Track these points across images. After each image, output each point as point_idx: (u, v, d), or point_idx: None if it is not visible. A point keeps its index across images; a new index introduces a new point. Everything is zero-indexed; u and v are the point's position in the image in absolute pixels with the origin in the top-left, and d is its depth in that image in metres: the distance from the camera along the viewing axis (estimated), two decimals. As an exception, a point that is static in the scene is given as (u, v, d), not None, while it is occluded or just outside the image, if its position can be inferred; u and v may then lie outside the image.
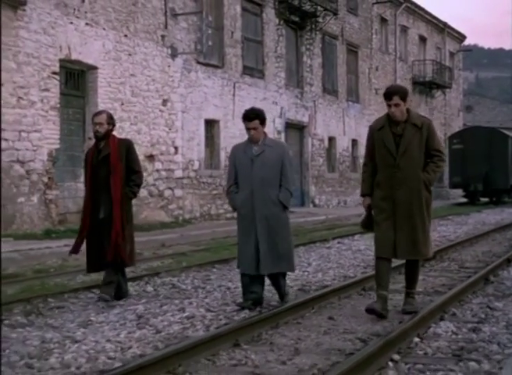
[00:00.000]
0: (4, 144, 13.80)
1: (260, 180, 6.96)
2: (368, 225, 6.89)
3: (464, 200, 35.00)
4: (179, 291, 8.39)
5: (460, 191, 36.98)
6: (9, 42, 13.87)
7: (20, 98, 14.08)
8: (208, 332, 5.85)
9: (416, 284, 6.88)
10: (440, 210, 27.86)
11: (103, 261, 7.58)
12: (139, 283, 9.02)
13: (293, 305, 6.88)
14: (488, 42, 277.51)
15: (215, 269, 10.34)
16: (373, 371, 4.66)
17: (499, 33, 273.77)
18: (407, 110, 6.58)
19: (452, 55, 42.77)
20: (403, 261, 7.06)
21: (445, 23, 40.87)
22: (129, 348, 5.55)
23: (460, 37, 44.28)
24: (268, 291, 8.03)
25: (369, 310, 6.48)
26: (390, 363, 4.90)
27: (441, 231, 17.68)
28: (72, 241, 10.33)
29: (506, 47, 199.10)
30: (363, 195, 6.86)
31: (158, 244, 13.94)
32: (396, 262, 7.77)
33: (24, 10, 14.18)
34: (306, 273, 9.92)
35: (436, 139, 6.69)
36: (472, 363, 4.88)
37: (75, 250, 7.83)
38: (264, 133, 7.11)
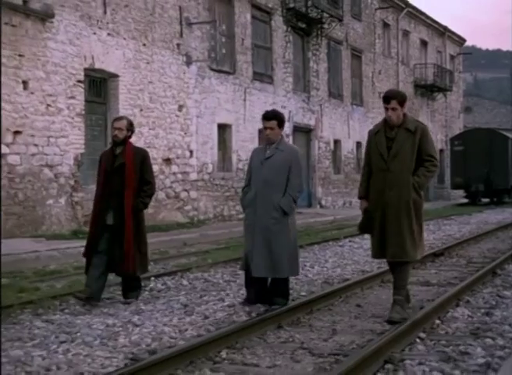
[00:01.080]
0: (34, 150, 14.58)
1: (264, 183, 7.08)
2: (364, 228, 6.90)
3: (465, 200, 35.73)
4: (213, 285, 9.16)
5: (460, 192, 37.75)
6: (38, 52, 14.65)
7: (49, 105, 14.86)
8: (252, 317, 6.63)
9: (403, 291, 6.68)
10: (443, 210, 28.66)
11: (108, 265, 7.68)
12: (174, 277, 9.79)
13: (323, 294, 7.66)
14: (486, 43, 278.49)
15: (239, 266, 11.10)
16: (404, 345, 5.45)
17: (497, 34, 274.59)
18: (404, 115, 6.68)
19: (452, 58, 43.58)
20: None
21: (445, 27, 41.68)
22: (186, 330, 6.33)
23: (460, 41, 45.10)
24: (296, 283, 8.84)
25: (390, 322, 6.36)
26: (418, 340, 5.69)
27: (446, 230, 18.46)
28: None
29: (504, 48, 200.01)
30: (360, 198, 6.97)
31: (179, 243, 14.71)
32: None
33: (52, 22, 14.96)
34: (325, 269, 10.69)
35: (430, 144, 6.71)
36: (488, 340, 5.66)
37: (86, 253, 7.88)
38: (282, 137, 7.28)
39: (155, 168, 17.84)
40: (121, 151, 7.70)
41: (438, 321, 6.41)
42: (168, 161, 18.75)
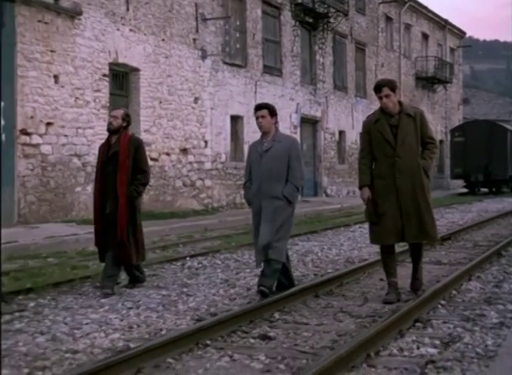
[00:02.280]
0: (64, 140, 15.46)
1: (266, 175, 7.14)
2: (373, 217, 6.96)
3: (465, 190, 36.72)
4: (244, 263, 10.07)
5: (460, 182, 38.74)
6: (68, 48, 15.51)
7: (77, 98, 15.73)
8: (294, 288, 7.55)
9: (421, 265, 7.33)
10: (443, 199, 29.58)
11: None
12: (206, 257, 10.71)
13: (349, 270, 8.60)
14: (483, 34, 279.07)
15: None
16: (429, 309, 6.38)
17: (494, 25, 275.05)
18: (399, 102, 6.87)
19: (452, 50, 44.43)
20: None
21: (446, 21, 42.53)
22: (234, 299, 7.25)
23: (460, 34, 45.95)
24: (321, 262, 9.77)
25: (387, 302, 6.74)
26: (439, 306, 6.63)
27: (449, 218, 19.39)
28: None
29: (502, 38, 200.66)
30: (362, 187, 7.02)
31: (201, 228, 15.62)
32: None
33: (80, 19, 15.81)
34: (342, 251, 11.61)
35: (429, 127, 7.04)
36: (500, 306, 6.59)
37: (95, 243, 8.06)
38: (276, 129, 7.34)
39: (173, 158, 18.83)
40: (116, 140, 7.73)
41: (454, 292, 7.34)
42: (184, 151, 19.64)
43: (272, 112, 7.29)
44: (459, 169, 35.59)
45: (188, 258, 10.43)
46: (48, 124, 14.94)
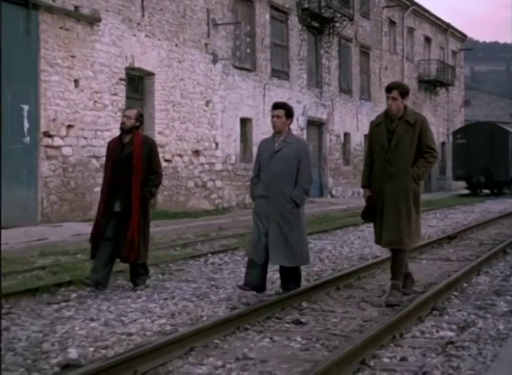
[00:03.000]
0: (83, 142, 16.04)
1: (275, 176, 7.16)
2: (367, 216, 7.14)
3: (467, 191, 37.32)
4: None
5: (461, 183, 39.38)
6: (87, 54, 16.10)
7: (96, 101, 16.31)
8: (316, 281, 8.13)
9: (400, 276, 6.97)
10: (446, 200, 30.19)
11: (108, 252, 7.81)
12: (226, 254, 11.28)
13: (365, 266, 9.19)
14: (483, 36, 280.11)
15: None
16: (443, 299, 6.96)
17: (494, 27, 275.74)
18: (404, 107, 6.88)
19: (454, 53, 45.04)
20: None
21: (448, 24, 43.13)
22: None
23: (462, 37, 46.56)
24: (336, 259, 10.34)
25: (389, 305, 6.72)
26: (453, 296, 7.21)
27: (453, 218, 19.97)
28: None
29: (501, 40, 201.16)
30: (363, 187, 7.20)
31: (215, 227, 16.19)
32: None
33: (98, 26, 16.39)
34: (354, 249, 12.19)
35: (429, 136, 6.97)
36: (508, 297, 7.18)
37: (93, 238, 8.03)
38: (289, 129, 7.33)
39: (186, 159, 19.41)
40: (129, 140, 7.77)
41: (465, 284, 7.92)
42: (196, 152, 20.22)
43: (288, 113, 7.27)
44: (461, 170, 36.21)
45: (210, 255, 11.00)
46: (69, 127, 15.52)
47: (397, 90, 6.82)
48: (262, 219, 7.23)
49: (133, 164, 7.65)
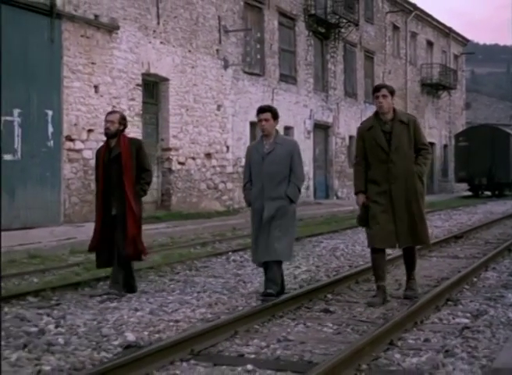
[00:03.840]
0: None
1: (269, 176, 7.26)
2: (364, 221, 7.18)
3: (468, 193, 37.97)
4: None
5: (463, 185, 40.03)
6: (106, 60, 16.73)
7: (114, 106, 16.91)
8: (336, 276, 8.75)
9: (415, 272, 7.39)
10: (449, 202, 30.82)
11: (113, 257, 7.82)
12: (246, 252, 11.86)
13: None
14: (483, 38, 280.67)
15: (299, 244, 13.23)
16: (456, 292, 7.58)
17: (494, 29, 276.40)
18: (394, 109, 7.02)
19: (456, 57, 45.69)
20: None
21: (450, 28, 43.80)
22: (287, 284, 8.43)
23: (464, 41, 47.22)
24: (351, 255, 10.96)
25: (371, 305, 6.89)
26: (465, 289, 7.83)
27: (457, 219, 20.59)
28: (154, 227, 13.18)
29: (502, 42, 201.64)
30: (357, 193, 7.20)
31: (229, 227, 16.81)
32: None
33: (117, 33, 17.03)
34: (366, 247, 12.70)
35: (422, 134, 7.14)
36: (515, 290, 7.81)
37: (93, 246, 8.00)
38: (276, 131, 7.45)
39: (198, 162, 20.04)
40: (115, 143, 7.79)
41: (475, 279, 8.54)
42: (208, 155, 20.85)
43: (275, 115, 7.38)
44: (463, 172, 36.86)
45: (231, 253, 11.62)
46: (89, 131, 16.14)
47: (386, 88, 7.02)
48: (259, 223, 7.34)
49: (122, 164, 7.68)
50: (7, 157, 13.85)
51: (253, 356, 5.07)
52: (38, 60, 14.54)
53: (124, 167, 7.67)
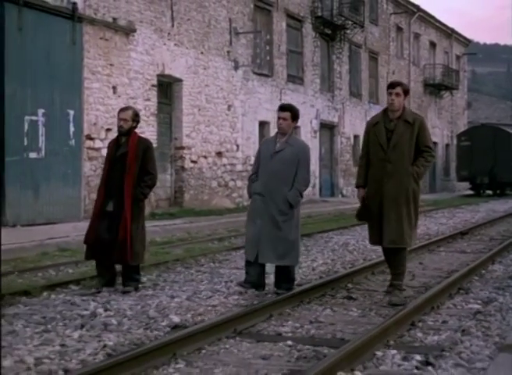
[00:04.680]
0: (120, 144, 17.24)
1: (273, 175, 7.27)
2: (362, 216, 7.22)
3: (470, 192, 38.59)
4: (307, 248, 11.89)
5: (464, 184, 40.64)
6: (124, 62, 17.32)
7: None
8: (353, 268, 9.35)
9: (402, 276, 7.10)
10: (452, 200, 31.44)
11: (105, 253, 7.77)
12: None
13: (392, 256, 10.39)
14: (483, 37, 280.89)
15: (311, 239, 13.84)
16: (467, 282, 8.19)
17: (494, 28, 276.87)
18: (403, 108, 6.96)
19: (458, 58, 46.29)
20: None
21: (452, 29, 44.40)
22: (307, 276, 9.03)
23: (466, 41, 47.83)
24: (364, 250, 11.54)
25: (393, 305, 6.79)
26: (474, 280, 8.43)
27: (460, 217, 21.19)
28: (171, 222, 13.72)
29: (502, 42, 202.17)
30: (358, 187, 7.25)
31: (241, 223, 17.22)
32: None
33: (133, 36, 17.62)
34: (375, 243, 13.40)
35: (427, 135, 6.99)
36: (521, 281, 8.42)
37: (87, 239, 7.97)
38: (292, 132, 7.48)
39: (210, 160, 20.64)
40: (125, 140, 7.77)
41: (483, 271, 9.15)
42: (219, 154, 21.46)
43: (295, 116, 7.40)
44: (465, 171, 37.48)
45: (248, 247, 12.20)
46: (108, 130, 16.73)
47: (401, 87, 6.94)
48: (256, 217, 7.36)
49: (126, 165, 7.63)
50: (32, 155, 14.45)
51: (290, 334, 5.68)
52: (61, 62, 15.13)
53: (127, 167, 7.62)
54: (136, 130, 8.04)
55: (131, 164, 7.62)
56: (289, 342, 5.35)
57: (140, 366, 4.64)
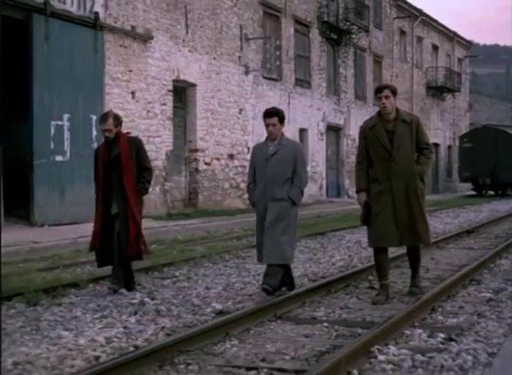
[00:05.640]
0: (138, 147, 17.94)
1: (272, 177, 7.31)
2: (367, 220, 7.27)
3: (472, 192, 39.29)
4: (314, 248, 12.56)
5: (466, 185, 41.35)
6: (142, 68, 18.03)
7: (148, 111, 18.24)
8: (368, 263, 10.02)
9: (419, 269, 7.60)
10: (455, 201, 32.12)
11: (114, 255, 7.85)
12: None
13: (405, 252, 11.08)
14: (483, 38, 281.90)
15: (325, 238, 14.52)
16: (478, 274, 8.87)
17: (494, 29, 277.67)
18: (396, 109, 7.07)
19: (460, 60, 47.02)
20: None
21: (454, 32, 45.15)
22: (328, 270, 9.72)
23: (467, 44, 48.57)
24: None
25: (374, 303, 7.01)
26: (484, 273, 9.12)
27: (465, 216, 21.86)
28: (189, 222, 14.35)
29: (501, 43, 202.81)
30: (359, 191, 7.26)
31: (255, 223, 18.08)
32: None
33: (151, 43, 18.33)
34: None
35: (424, 134, 7.21)
36: (528, 274, 9.11)
37: (95, 246, 7.99)
38: (282, 133, 7.50)
39: (222, 162, 21.33)
40: (116, 142, 7.84)
41: (492, 265, 9.84)
42: (231, 156, 22.17)
43: (282, 119, 7.47)
44: (467, 172, 38.19)
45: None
46: (127, 134, 17.36)
47: (388, 89, 7.04)
48: (262, 223, 7.42)
49: (122, 164, 7.72)
50: (58, 158, 15.15)
51: (324, 318, 6.37)
52: (84, 69, 15.83)
53: (124, 167, 7.71)
54: (155, 134, 8.56)
55: (127, 162, 7.72)
56: (326, 324, 6.04)
57: (200, 343, 5.32)
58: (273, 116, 7.39)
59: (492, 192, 38.59)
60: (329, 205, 25.54)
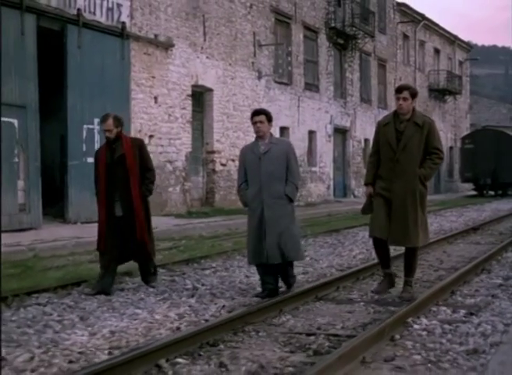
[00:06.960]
0: (160, 149, 18.96)
1: (267, 176, 7.30)
2: (367, 211, 7.38)
3: (473, 193, 40.32)
4: (334, 244, 13.53)
5: (467, 185, 42.39)
6: (163, 74, 19.03)
7: (170, 115, 19.23)
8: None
9: (413, 273, 7.37)
10: (457, 201, 33.14)
11: (123, 255, 8.02)
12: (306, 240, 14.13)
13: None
14: (481, 39, 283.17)
15: (340, 235, 15.51)
16: (488, 265, 9.87)
17: (492, 30, 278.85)
18: (413, 109, 7.06)
19: (460, 63, 48.07)
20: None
21: (455, 36, 46.20)
22: (351, 261, 10.69)
23: (468, 47, 49.62)
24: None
25: (376, 292, 7.42)
26: (493, 264, 10.12)
27: (468, 215, 22.85)
28: (208, 220, 15.25)
29: (500, 43, 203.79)
30: (366, 184, 7.40)
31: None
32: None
33: (172, 50, 19.33)
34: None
35: (436, 137, 7.11)
36: (532, 265, 10.11)
37: (101, 247, 7.99)
38: (271, 133, 7.60)
39: (237, 164, 22.30)
40: (118, 144, 7.81)
41: (499, 257, 10.84)
42: (245, 158, 23.15)
43: (270, 118, 7.57)
44: (469, 173, 39.21)
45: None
46: (150, 136, 18.43)
47: (408, 91, 7.04)
48: (259, 223, 7.38)
49: (127, 165, 7.72)
50: (89, 160, 16.05)
51: (359, 299, 7.37)
52: (112, 76, 16.83)
53: (130, 169, 7.71)
54: (175, 137, 9.18)
55: (132, 165, 7.74)
56: (362, 303, 7.04)
57: (259, 318, 6.31)
58: (260, 114, 7.54)
59: (492, 192, 39.61)
60: (337, 205, 26.53)
